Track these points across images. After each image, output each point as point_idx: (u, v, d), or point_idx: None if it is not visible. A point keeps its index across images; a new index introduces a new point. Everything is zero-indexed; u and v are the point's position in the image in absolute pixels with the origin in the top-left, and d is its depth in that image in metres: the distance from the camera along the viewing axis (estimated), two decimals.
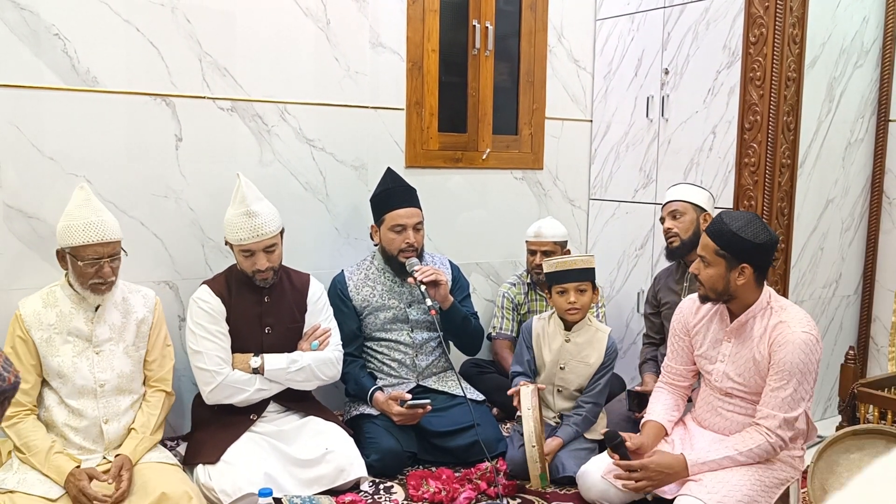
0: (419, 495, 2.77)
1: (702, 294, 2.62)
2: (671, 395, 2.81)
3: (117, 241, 2.61)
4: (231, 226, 2.87)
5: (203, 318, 2.87)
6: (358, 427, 3.10)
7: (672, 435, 2.74)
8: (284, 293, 3.02)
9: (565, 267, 2.99)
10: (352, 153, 3.59)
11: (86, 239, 2.53)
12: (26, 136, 2.88)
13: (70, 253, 2.56)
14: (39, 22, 2.86)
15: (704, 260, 2.55)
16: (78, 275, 2.57)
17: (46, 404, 2.60)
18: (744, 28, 3.32)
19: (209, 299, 2.89)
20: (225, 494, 2.61)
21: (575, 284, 2.97)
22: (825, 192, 3.54)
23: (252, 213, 2.84)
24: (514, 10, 4.03)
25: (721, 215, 2.56)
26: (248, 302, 2.95)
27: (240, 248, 2.87)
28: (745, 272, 2.50)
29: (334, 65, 3.49)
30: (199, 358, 2.84)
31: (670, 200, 3.27)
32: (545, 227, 3.67)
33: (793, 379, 2.43)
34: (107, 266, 2.56)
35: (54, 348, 2.58)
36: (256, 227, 2.83)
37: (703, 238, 2.59)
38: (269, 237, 2.86)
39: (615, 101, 4.10)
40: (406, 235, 3.19)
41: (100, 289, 2.58)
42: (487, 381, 3.58)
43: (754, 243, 2.47)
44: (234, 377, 2.85)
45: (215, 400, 2.86)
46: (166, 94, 3.13)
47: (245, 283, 2.95)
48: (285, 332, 3.00)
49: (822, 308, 3.63)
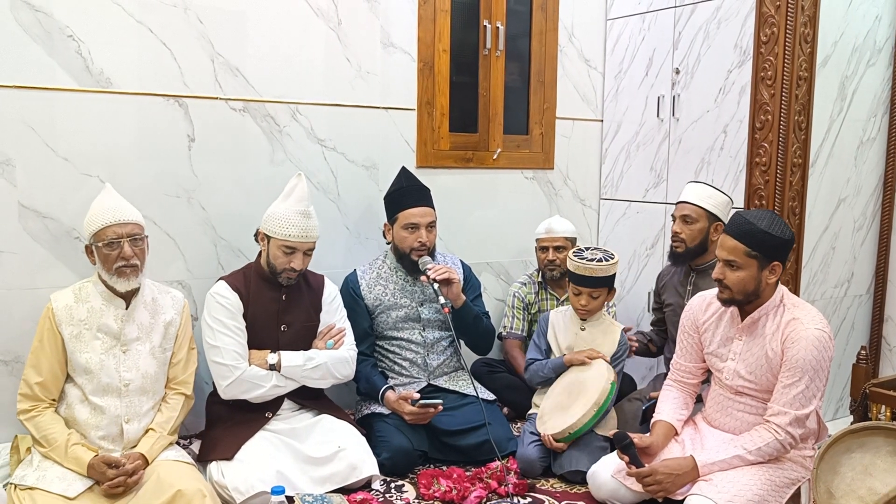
0: (430, 494, 2.78)
1: (726, 298, 2.56)
2: (680, 394, 2.81)
3: (135, 223, 2.64)
4: (282, 220, 2.89)
5: (221, 313, 2.89)
6: (369, 426, 3.11)
7: (682, 434, 2.74)
8: (301, 292, 3.05)
9: (586, 273, 3.08)
10: (363, 153, 3.60)
11: (103, 221, 2.58)
12: (40, 136, 2.91)
13: (93, 241, 2.60)
14: (53, 23, 2.89)
15: (733, 264, 2.50)
16: (102, 261, 2.60)
17: (68, 401, 2.62)
18: (755, 27, 3.32)
19: (227, 294, 2.91)
20: (238, 492, 2.63)
21: (589, 290, 3.09)
22: (837, 191, 3.53)
23: (308, 213, 2.92)
24: (524, 10, 4.04)
25: (741, 216, 2.52)
26: (265, 299, 2.97)
27: (284, 243, 2.89)
28: (775, 270, 2.50)
29: (345, 65, 3.51)
30: (217, 352, 2.86)
31: (684, 202, 3.23)
32: (555, 223, 3.72)
33: (805, 376, 2.43)
34: (126, 246, 2.58)
35: (83, 344, 2.61)
36: (309, 228, 2.91)
37: (726, 242, 2.52)
38: (313, 241, 2.95)
39: (626, 101, 4.10)
40: (419, 234, 3.21)
41: (125, 272, 2.59)
42: (498, 380, 3.59)
43: (783, 239, 2.47)
44: (251, 373, 2.87)
45: (231, 395, 2.87)
46: (179, 94, 3.15)
47: (265, 279, 2.98)
48: (301, 331, 3.02)
49: (834, 308, 3.62)
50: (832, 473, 2.32)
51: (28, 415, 2.56)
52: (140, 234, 2.65)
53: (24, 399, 2.58)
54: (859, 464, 2.33)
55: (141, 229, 2.66)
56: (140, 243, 2.65)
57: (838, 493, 2.29)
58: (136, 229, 2.64)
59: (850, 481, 2.29)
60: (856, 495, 2.27)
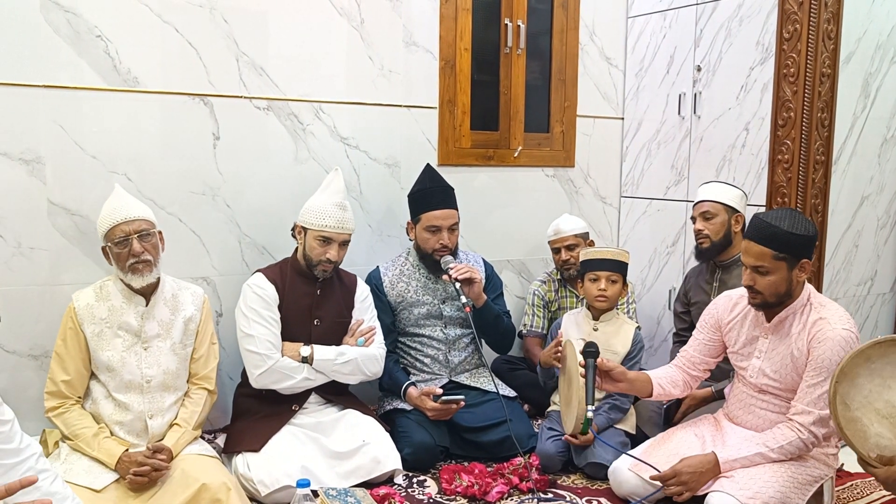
0: (452, 489, 2.80)
1: (759, 302, 2.53)
2: (679, 373, 2.80)
3: (143, 219, 2.66)
4: (320, 211, 2.96)
5: (256, 303, 2.93)
6: (391, 421, 3.14)
7: (703, 431, 2.73)
8: (334, 289, 3.09)
9: (600, 256, 3.12)
10: (385, 151, 3.63)
11: (111, 221, 2.62)
12: (69, 134, 2.96)
13: (106, 242, 2.65)
14: (82, 23, 2.94)
15: (761, 269, 2.47)
16: (116, 260, 2.64)
17: (94, 397, 2.67)
18: (777, 24, 3.31)
19: (264, 285, 2.96)
20: (263, 485, 2.66)
21: (607, 274, 3.10)
22: (860, 189, 3.51)
23: (344, 206, 2.99)
24: (545, 8, 4.05)
25: (761, 220, 2.49)
26: (300, 293, 3.02)
27: (321, 233, 2.95)
28: (805, 267, 2.49)
29: (368, 64, 3.53)
30: (251, 341, 2.90)
31: (701, 200, 3.27)
32: (562, 222, 3.72)
33: (830, 376, 2.42)
34: (135, 242, 2.61)
35: (105, 342, 2.65)
36: (345, 219, 2.98)
37: (752, 248, 2.49)
38: (349, 232, 3.01)
39: (647, 99, 4.10)
40: (440, 236, 3.23)
41: (137, 268, 2.62)
42: (518, 377, 3.60)
43: (808, 236, 2.46)
44: (284, 363, 2.91)
45: (262, 384, 2.91)
46: (204, 93, 3.19)
47: (301, 273, 3.03)
48: (333, 326, 3.06)
49: (857, 306, 3.61)
50: (849, 384, 2.18)
51: (56, 412, 2.61)
52: (149, 229, 2.67)
53: (52, 397, 2.62)
54: (878, 376, 2.17)
55: (150, 225, 2.68)
56: (150, 238, 2.66)
57: (854, 404, 2.17)
58: (145, 225, 2.66)
59: (867, 393, 2.17)
60: (872, 407, 2.16)
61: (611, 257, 3.12)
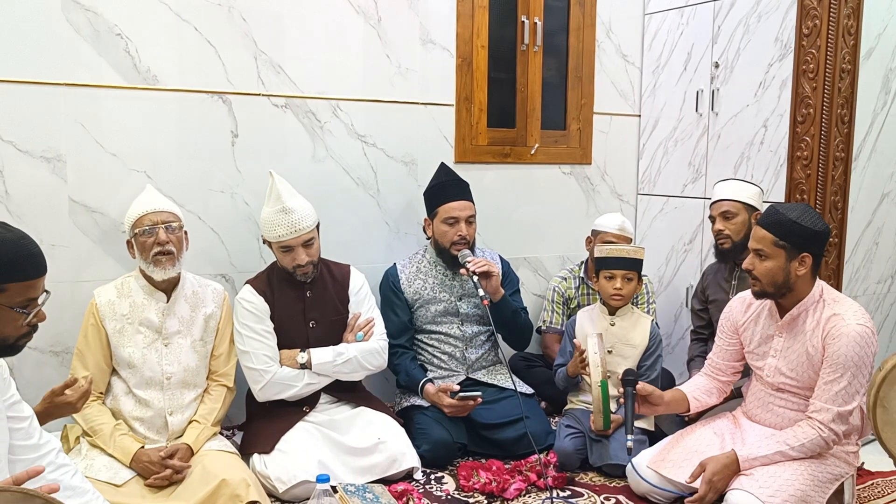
0: (470, 486, 2.80)
1: (757, 290, 2.57)
2: (709, 382, 2.81)
3: (170, 212, 2.71)
4: (268, 223, 2.91)
5: (248, 319, 2.92)
6: (409, 418, 3.14)
7: (721, 429, 2.73)
8: (326, 286, 3.07)
9: (616, 255, 3.12)
10: (402, 149, 3.64)
11: (140, 211, 2.68)
12: (90, 133, 2.98)
13: (132, 232, 2.68)
14: (102, 22, 2.96)
15: (761, 254, 2.51)
16: (140, 250, 2.66)
17: (114, 393, 2.69)
18: (797, 20, 3.29)
19: (253, 299, 2.94)
20: (280, 482, 2.68)
21: (623, 272, 3.09)
22: (880, 186, 3.48)
23: (288, 209, 2.87)
24: (562, 5, 4.04)
25: (774, 207, 2.53)
26: (290, 298, 3.00)
27: (279, 244, 2.92)
28: (805, 262, 2.48)
29: (385, 61, 3.54)
30: (248, 358, 2.90)
31: (721, 199, 3.24)
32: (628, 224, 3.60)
33: (847, 372, 2.41)
34: (161, 231, 2.64)
35: (126, 338, 2.67)
36: (294, 222, 2.87)
37: (756, 232, 2.55)
38: (306, 231, 2.90)
39: (664, 96, 4.08)
40: (458, 228, 3.23)
41: (160, 260, 2.64)
42: (536, 374, 3.59)
43: (814, 231, 2.46)
44: (283, 374, 2.90)
45: (266, 397, 2.91)
46: (223, 91, 3.21)
47: (286, 279, 3.00)
48: (330, 325, 3.05)
49: (877, 304, 3.58)
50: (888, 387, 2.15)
51: None
52: (175, 221, 2.70)
53: None
54: None
55: (176, 218, 2.72)
56: (176, 231, 2.70)
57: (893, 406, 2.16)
58: (171, 217, 2.70)
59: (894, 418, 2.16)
60: None
61: (627, 255, 3.12)
